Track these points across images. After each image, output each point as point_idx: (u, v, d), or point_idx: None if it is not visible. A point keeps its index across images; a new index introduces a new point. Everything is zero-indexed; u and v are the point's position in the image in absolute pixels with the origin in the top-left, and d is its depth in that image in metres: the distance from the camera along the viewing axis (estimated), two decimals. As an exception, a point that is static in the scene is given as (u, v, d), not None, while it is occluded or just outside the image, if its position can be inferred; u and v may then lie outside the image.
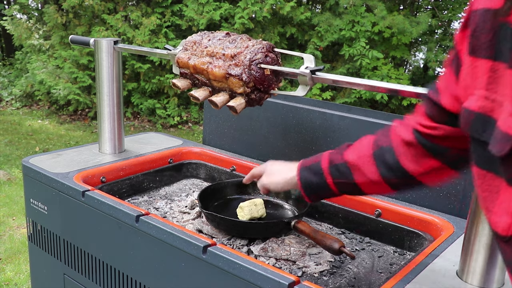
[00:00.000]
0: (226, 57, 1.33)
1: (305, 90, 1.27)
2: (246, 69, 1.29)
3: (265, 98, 1.37)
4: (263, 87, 1.31)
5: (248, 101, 1.33)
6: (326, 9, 6.89)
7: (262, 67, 1.30)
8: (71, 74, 6.50)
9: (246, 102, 1.33)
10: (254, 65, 1.29)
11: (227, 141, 1.97)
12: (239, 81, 1.29)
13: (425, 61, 7.75)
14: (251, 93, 1.31)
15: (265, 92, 1.33)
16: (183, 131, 6.66)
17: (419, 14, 7.92)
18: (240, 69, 1.29)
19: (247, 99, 1.33)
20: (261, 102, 1.36)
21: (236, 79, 1.29)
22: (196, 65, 1.39)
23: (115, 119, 1.82)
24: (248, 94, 1.31)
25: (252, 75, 1.29)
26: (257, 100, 1.33)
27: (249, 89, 1.30)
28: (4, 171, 4.73)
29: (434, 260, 1.15)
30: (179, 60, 1.45)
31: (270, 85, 1.33)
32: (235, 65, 1.30)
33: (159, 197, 1.79)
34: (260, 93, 1.33)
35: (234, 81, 1.30)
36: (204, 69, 1.37)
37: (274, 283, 1.03)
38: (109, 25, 6.58)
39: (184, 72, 1.46)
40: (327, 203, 1.59)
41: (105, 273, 1.47)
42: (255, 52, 1.30)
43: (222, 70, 1.32)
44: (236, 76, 1.29)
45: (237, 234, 1.43)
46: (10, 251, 3.28)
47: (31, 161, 1.71)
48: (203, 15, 6.40)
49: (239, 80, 1.29)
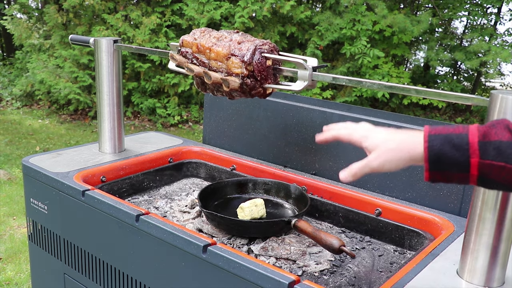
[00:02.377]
0: (233, 42, 1.36)
1: (301, 86, 1.27)
2: (250, 53, 1.31)
3: (257, 92, 1.36)
4: (260, 76, 1.32)
5: (241, 85, 1.33)
6: (326, 8, 6.89)
7: (265, 55, 1.33)
8: (71, 74, 6.50)
9: (239, 84, 1.32)
10: (258, 53, 1.32)
11: (227, 141, 1.97)
12: (239, 62, 1.31)
13: (426, 60, 7.75)
14: (247, 77, 1.31)
15: (259, 82, 1.33)
16: (183, 130, 6.66)
17: (419, 13, 7.91)
18: (243, 52, 1.32)
19: (241, 81, 1.32)
20: (252, 93, 1.35)
21: (237, 60, 1.31)
22: (200, 43, 1.41)
23: (115, 119, 1.82)
24: (243, 77, 1.32)
25: (254, 60, 1.31)
26: (249, 88, 1.32)
27: (247, 71, 1.30)
28: (5, 170, 4.73)
29: (434, 259, 1.15)
30: (184, 40, 1.46)
31: (267, 79, 1.34)
32: (240, 49, 1.33)
33: (159, 196, 1.79)
34: (255, 82, 1.32)
35: (234, 61, 1.32)
36: (207, 47, 1.39)
37: (275, 282, 1.03)
38: (109, 25, 6.58)
39: (184, 51, 1.46)
40: (327, 202, 1.59)
41: (105, 273, 1.47)
42: (262, 43, 1.35)
43: (226, 49, 1.34)
44: (238, 56, 1.31)
45: (237, 233, 1.43)
46: (11, 250, 3.28)
47: (31, 160, 1.71)
48: (203, 14, 6.40)
49: (240, 61, 1.31)
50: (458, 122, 7.66)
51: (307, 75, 1.26)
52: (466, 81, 8.78)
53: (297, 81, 1.29)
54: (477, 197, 1.03)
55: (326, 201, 1.59)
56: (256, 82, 1.33)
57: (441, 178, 0.87)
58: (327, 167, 1.67)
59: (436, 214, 1.40)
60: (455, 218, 1.38)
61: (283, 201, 1.64)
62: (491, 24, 7.95)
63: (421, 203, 1.47)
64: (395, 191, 1.52)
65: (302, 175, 1.68)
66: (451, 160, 0.84)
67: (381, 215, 1.48)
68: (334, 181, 1.63)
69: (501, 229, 1.00)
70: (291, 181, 1.66)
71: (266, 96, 1.42)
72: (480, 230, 1.03)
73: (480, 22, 8.01)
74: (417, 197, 1.48)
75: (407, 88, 1.12)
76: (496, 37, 7.59)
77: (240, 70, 1.31)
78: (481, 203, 1.01)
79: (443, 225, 1.35)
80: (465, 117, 8.01)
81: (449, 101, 1.09)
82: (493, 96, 0.96)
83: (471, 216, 1.05)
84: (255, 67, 1.31)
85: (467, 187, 1.39)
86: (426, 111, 8.04)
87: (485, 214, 1.01)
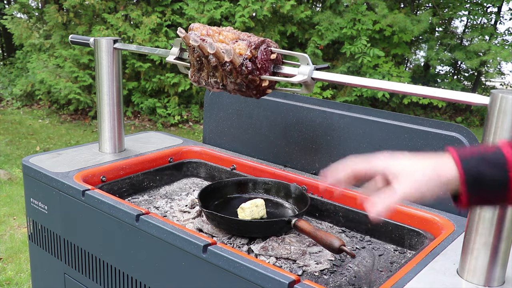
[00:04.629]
0: (242, 34, 1.41)
1: (299, 78, 1.28)
2: (258, 41, 1.35)
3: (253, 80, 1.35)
4: (260, 64, 1.33)
5: (240, 66, 1.34)
6: (326, 8, 6.89)
7: (271, 50, 1.36)
8: (71, 74, 6.50)
9: (240, 63, 1.33)
10: (266, 44, 1.35)
11: (227, 140, 1.97)
12: (245, 46, 1.34)
13: (426, 59, 7.75)
14: (249, 60, 1.33)
15: (258, 72, 1.34)
16: (183, 130, 6.66)
17: (420, 12, 7.91)
18: (252, 39, 1.36)
19: (242, 61, 1.33)
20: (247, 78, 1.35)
21: (244, 44, 1.35)
22: (210, 28, 1.44)
23: (115, 118, 1.82)
24: (245, 59, 1.33)
25: (260, 48, 1.34)
26: (246, 72, 1.33)
27: (250, 54, 1.32)
28: (5, 170, 4.73)
29: (434, 259, 1.15)
30: (195, 26, 1.47)
31: (266, 70, 1.35)
32: (248, 37, 1.38)
33: (159, 196, 1.79)
34: (253, 67, 1.33)
35: (241, 44, 1.35)
36: (217, 31, 1.42)
37: (275, 282, 1.03)
38: (110, 24, 6.58)
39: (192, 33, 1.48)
40: (327, 201, 1.59)
41: (105, 272, 1.47)
42: (270, 39, 1.40)
43: (234, 35, 1.39)
44: (245, 41, 1.35)
45: (237, 233, 1.43)
46: (11, 250, 3.28)
47: (31, 160, 1.71)
48: (203, 13, 6.40)
49: (247, 45, 1.34)
50: (459, 121, 7.66)
51: (308, 70, 1.26)
52: (466, 80, 8.78)
53: (303, 85, 1.30)
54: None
55: (326, 201, 1.59)
56: (255, 68, 1.33)
57: (478, 201, 0.84)
58: (327, 166, 1.66)
59: (436, 214, 1.40)
60: (455, 217, 1.38)
61: (283, 201, 1.64)
62: (491, 23, 7.96)
63: (421, 203, 1.47)
64: (395, 190, 1.52)
65: (302, 175, 1.68)
66: (491, 178, 0.80)
67: (381, 214, 1.47)
68: (334, 181, 1.63)
69: (501, 229, 1.00)
70: (291, 181, 1.66)
71: (260, 94, 1.40)
72: (480, 229, 1.03)
73: (480, 21, 8.01)
74: (417, 196, 1.48)
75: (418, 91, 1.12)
76: (496, 36, 7.59)
77: (244, 52, 1.33)
78: (481, 203, 1.01)
79: (443, 224, 1.34)
80: (465, 117, 8.01)
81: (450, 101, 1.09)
82: (493, 96, 0.96)
83: (471, 216, 1.05)
84: (258, 55, 1.33)
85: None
86: (426, 111, 8.04)
87: (485, 214, 1.01)
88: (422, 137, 1.45)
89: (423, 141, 1.45)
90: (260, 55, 1.34)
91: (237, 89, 1.39)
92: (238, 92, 1.41)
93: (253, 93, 1.40)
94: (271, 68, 1.37)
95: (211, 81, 1.44)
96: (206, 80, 1.45)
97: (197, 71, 1.47)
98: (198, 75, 1.47)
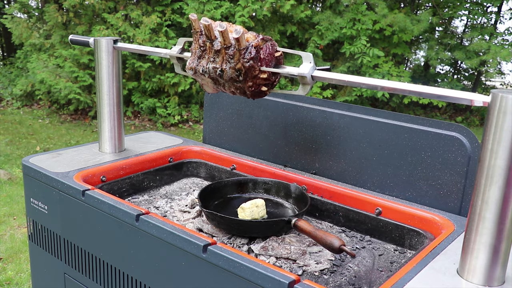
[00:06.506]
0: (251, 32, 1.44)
1: (306, 90, 1.28)
2: (265, 37, 1.37)
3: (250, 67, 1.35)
4: (263, 54, 1.34)
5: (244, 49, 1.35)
6: (326, 8, 6.89)
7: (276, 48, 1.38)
8: (71, 73, 6.50)
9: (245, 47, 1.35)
10: (272, 42, 1.38)
11: (227, 140, 1.97)
12: (254, 36, 1.37)
13: (426, 59, 7.75)
14: (254, 47, 1.34)
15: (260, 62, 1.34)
16: (183, 130, 6.66)
17: (420, 12, 7.91)
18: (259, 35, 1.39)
19: (246, 46, 1.35)
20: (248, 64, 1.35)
21: (253, 34, 1.38)
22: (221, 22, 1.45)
23: (115, 118, 1.82)
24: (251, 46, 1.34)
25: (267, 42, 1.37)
26: (249, 57, 1.34)
27: (257, 43, 1.35)
28: (5, 170, 4.73)
29: (434, 259, 1.15)
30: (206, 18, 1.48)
31: (267, 63, 1.35)
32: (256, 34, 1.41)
33: (159, 196, 1.79)
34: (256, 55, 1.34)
35: (249, 34, 1.38)
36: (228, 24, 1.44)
37: (275, 282, 1.03)
38: (110, 24, 6.58)
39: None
40: (327, 201, 1.59)
41: (105, 272, 1.47)
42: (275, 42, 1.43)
43: (242, 29, 1.39)
44: (252, 32, 1.38)
45: (237, 233, 1.43)
46: (11, 250, 3.28)
47: (31, 160, 1.71)
48: (204, 13, 6.40)
49: (255, 36, 1.36)
50: (459, 121, 7.66)
51: (309, 68, 1.26)
52: (466, 80, 8.79)
53: (300, 86, 1.32)
54: (477, 197, 1.03)
55: (326, 201, 1.59)
56: (258, 57, 1.34)
57: None
58: (327, 166, 1.67)
59: (436, 214, 1.40)
60: (455, 217, 1.38)
61: (283, 201, 1.64)
62: (491, 23, 7.96)
63: (421, 203, 1.47)
64: (395, 190, 1.52)
65: (302, 175, 1.68)
66: None
67: (381, 214, 1.47)
68: (334, 181, 1.63)
69: (502, 228, 1.00)
70: (291, 181, 1.66)
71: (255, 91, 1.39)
72: (480, 229, 1.03)
73: (480, 21, 8.01)
74: (417, 196, 1.48)
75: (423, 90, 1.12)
76: (496, 36, 7.59)
77: (252, 40, 1.36)
78: (481, 203, 1.01)
79: (443, 224, 1.34)
80: (465, 116, 8.01)
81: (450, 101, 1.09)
82: (493, 96, 0.96)
83: (471, 216, 1.05)
84: (264, 47, 1.35)
85: (467, 186, 1.39)
86: (426, 110, 8.05)
87: (485, 214, 1.01)
88: (422, 137, 1.45)
89: (423, 141, 1.45)
90: (265, 48, 1.35)
91: (234, 78, 1.38)
92: (233, 84, 1.40)
93: (248, 87, 1.38)
94: (273, 64, 1.37)
95: (209, 67, 1.43)
96: (204, 67, 1.44)
97: (197, 58, 1.46)
98: (197, 62, 1.46)
